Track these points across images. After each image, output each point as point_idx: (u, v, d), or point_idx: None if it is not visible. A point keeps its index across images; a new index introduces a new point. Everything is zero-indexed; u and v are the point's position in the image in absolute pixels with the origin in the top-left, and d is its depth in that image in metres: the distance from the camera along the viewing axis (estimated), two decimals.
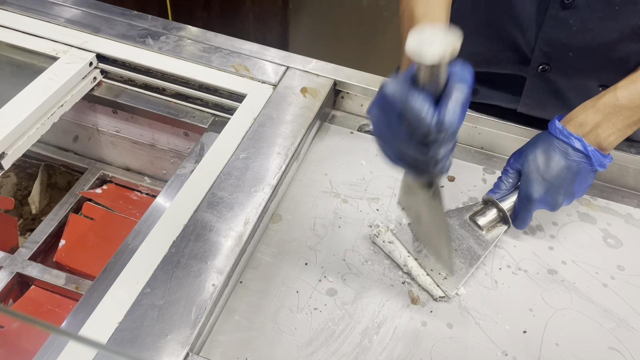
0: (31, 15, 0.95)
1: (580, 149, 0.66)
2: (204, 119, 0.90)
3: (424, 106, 0.47)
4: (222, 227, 0.67)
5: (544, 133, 0.70)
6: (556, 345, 0.65)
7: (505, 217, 0.71)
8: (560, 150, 0.67)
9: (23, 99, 0.81)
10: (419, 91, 0.48)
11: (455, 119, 0.48)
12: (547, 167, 0.67)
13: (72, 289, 0.85)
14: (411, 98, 0.48)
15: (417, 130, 0.49)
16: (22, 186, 1.08)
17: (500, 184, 0.71)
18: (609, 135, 0.66)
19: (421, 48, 0.44)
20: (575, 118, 0.68)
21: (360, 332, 0.64)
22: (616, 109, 0.66)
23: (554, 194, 0.68)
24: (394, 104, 0.49)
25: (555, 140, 0.67)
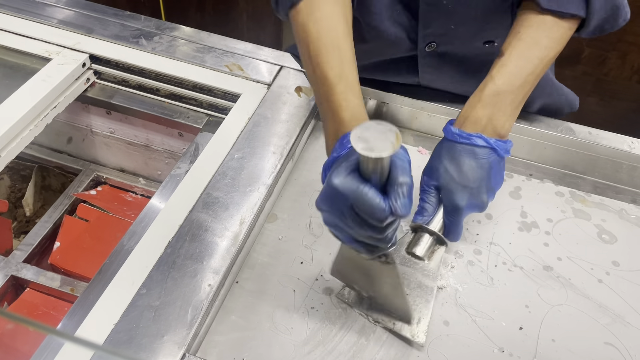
0: (23, 16, 0.95)
1: (484, 144, 0.66)
2: (198, 119, 0.90)
3: (376, 199, 0.50)
4: (218, 227, 0.67)
5: (444, 142, 0.68)
6: (552, 341, 0.65)
7: (439, 238, 0.67)
8: (467, 153, 0.66)
9: (16, 101, 0.81)
10: (369, 184, 0.50)
11: (407, 209, 0.50)
12: (461, 173, 0.66)
13: (68, 291, 0.85)
14: (363, 192, 0.50)
15: (372, 219, 0.51)
16: (16, 188, 1.08)
17: (424, 205, 0.68)
18: (504, 123, 0.67)
19: (369, 145, 0.46)
20: (468, 117, 0.67)
21: (357, 331, 0.64)
22: (500, 97, 0.67)
23: (477, 196, 0.66)
24: (345, 198, 0.51)
25: (458, 145, 0.66)
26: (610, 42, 1.81)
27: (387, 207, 0.50)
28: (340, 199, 0.52)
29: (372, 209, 0.50)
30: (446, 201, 0.67)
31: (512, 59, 0.67)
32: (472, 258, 0.73)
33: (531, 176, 0.85)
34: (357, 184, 0.50)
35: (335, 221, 0.54)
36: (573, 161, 0.86)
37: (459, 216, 0.67)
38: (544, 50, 0.67)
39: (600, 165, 0.85)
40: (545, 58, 0.67)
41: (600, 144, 0.84)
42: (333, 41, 0.67)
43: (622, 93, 1.94)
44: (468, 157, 0.66)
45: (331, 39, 0.67)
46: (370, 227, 0.52)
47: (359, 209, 0.51)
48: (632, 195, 0.84)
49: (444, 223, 0.68)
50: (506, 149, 0.68)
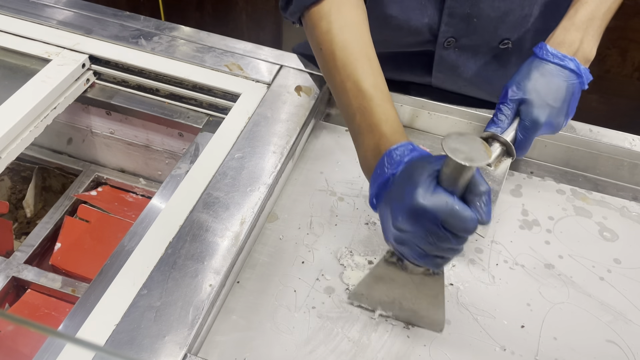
0: (23, 17, 0.95)
1: (574, 69, 0.69)
2: (198, 119, 0.90)
3: (467, 211, 0.50)
4: (219, 227, 0.67)
5: (534, 60, 0.71)
6: (554, 339, 0.65)
7: (509, 150, 0.72)
8: (558, 73, 0.69)
9: (16, 102, 0.80)
10: (455, 197, 0.51)
11: (491, 216, 0.52)
12: (549, 92, 0.69)
13: (69, 292, 0.85)
14: (455, 207, 0.50)
15: (463, 232, 0.51)
16: (17, 190, 1.08)
17: (500, 117, 0.71)
18: (591, 48, 0.70)
19: (467, 156, 0.48)
20: (563, 40, 0.70)
21: (359, 330, 0.64)
22: (591, 22, 0.70)
23: (556, 117, 0.70)
24: (435, 216, 0.50)
25: (551, 65, 0.69)
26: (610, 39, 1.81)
27: (475, 215, 0.51)
28: (429, 218, 0.51)
29: (466, 222, 0.50)
30: (526, 115, 0.70)
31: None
32: (473, 256, 0.73)
33: (532, 174, 0.85)
34: (446, 199, 0.50)
35: (417, 241, 0.53)
36: (574, 159, 0.86)
37: (534, 132, 0.70)
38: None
39: (601, 162, 0.85)
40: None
41: (601, 141, 0.83)
42: (362, 50, 0.66)
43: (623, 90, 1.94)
44: (558, 77, 0.69)
45: (360, 49, 0.66)
46: (457, 239, 0.52)
47: (451, 224, 0.51)
48: (634, 192, 0.84)
49: (516, 137, 0.72)
50: (588, 78, 0.71)
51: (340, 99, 0.68)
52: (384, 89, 0.65)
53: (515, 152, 0.73)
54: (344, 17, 0.67)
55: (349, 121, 0.67)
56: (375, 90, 0.64)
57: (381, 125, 0.62)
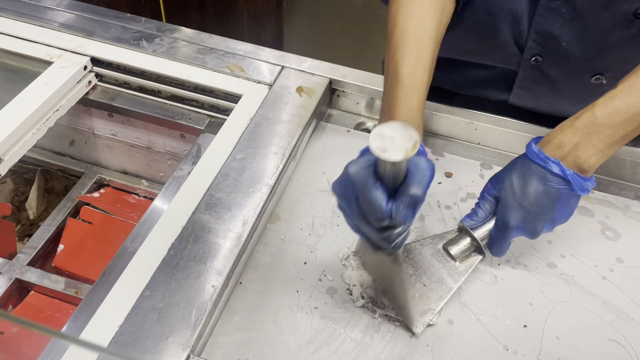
0: (25, 20, 0.95)
1: (559, 173, 0.62)
2: (200, 121, 0.90)
3: (378, 199, 0.50)
4: (221, 228, 0.67)
5: (521, 157, 0.65)
6: (557, 338, 0.65)
7: (479, 247, 0.67)
8: (538, 175, 0.63)
9: (18, 104, 0.81)
10: (378, 182, 0.50)
11: (406, 219, 0.50)
12: (524, 193, 0.63)
13: (72, 293, 0.85)
14: (369, 188, 0.50)
15: (371, 216, 0.52)
16: (19, 192, 1.08)
17: (477, 211, 0.67)
18: (590, 156, 0.62)
19: (384, 145, 0.46)
20: (553, 140, 0.63)
21: (362, 330, 0.64)
22: (595, 127, 0.61)
23: (532, 222, 0.64)
24: (354, 188, 0.52)
25: (532, 165, 0.63)
26: None
27: (387, 209, 0.50)
28: (350, 188, 0.52)
29: (372, 206, 0.50)
30: (499, 215, 0.65)
31: (623, 93, 0.62)
32: None
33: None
34: (368, 178, 0.50)
35: (344, 208, 0.55)
36: None
37: (506, 234, 0.65)
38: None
39: None
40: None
41: None
42: (416, 39, 0.67)
43: None
44: (537, 179, 0.63)
45: (415, 37, 0.67)
46: (369, 224, 0.53)
47: (362, 202, 0.51)
48: (636, 191, 0.84)
49: (491, 235, 0.66)
50: (583, 186, 0.63)
51: (385, 78, 0.71)
52: (418, 79, 0.66)
53: (490, 251, 0.67)
54: (414, 6, 0.69)
55: (382, 100, 0.71)
56: (408, 77, 0.65)
57: (397, 109, 0.64)
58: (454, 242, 0.68)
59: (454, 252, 0.68)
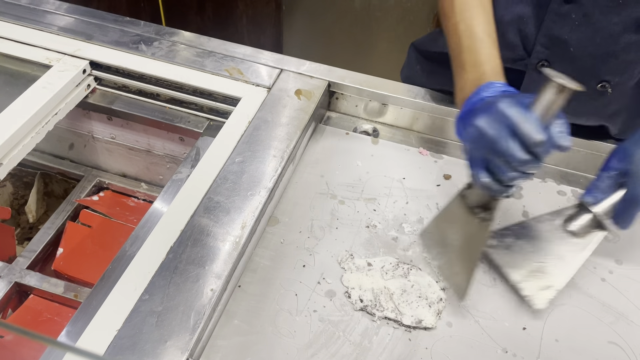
0: (23, 24, 0.95)
1: None
2: (199, 124, 0.90)
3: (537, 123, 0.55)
4: (220, 231, 0.67)
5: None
6: (556, 341, 0.65)
7: (600, 223, 0.66)
8: None
9: (17, 108, 0.81)
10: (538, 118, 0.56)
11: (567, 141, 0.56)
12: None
13: (71, 297, 0.85)
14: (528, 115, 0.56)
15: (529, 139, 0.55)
16: (19, 195, 1.08)
17: (599, 185, 0.66)
18: None
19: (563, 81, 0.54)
20: None
21: (360, 333, 0.64)
22: None
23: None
24: (508, 120, 0.56)
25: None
26: None
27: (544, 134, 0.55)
28: (503, 120, 0.56)
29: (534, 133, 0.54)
30: (632, 188, 0.63)
31: None
32: None
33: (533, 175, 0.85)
34: (524, 111, 0.56)
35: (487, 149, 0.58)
36: (574, 160, 0.86)
37: (635, 209, 0.64)
38: None
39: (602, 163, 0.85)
40: None
41: (601, 142, 0.83)
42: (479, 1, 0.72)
43: None
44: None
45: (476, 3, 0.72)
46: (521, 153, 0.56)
47: (519, 128, 0.55)
48: None
49: (617, 208, 0.65)
50: None
51: (451, 38, 0.74)
52: (492, 35, 0.71)
53: (617, 224, 0.66)
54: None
55: (455, 58, 0.73)
56: (484, 35, 0.70)
57: (485, 64, 0.68)
58: (574, 218, 0.69)
59: (575, 229, 0.68)
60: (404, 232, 0.75)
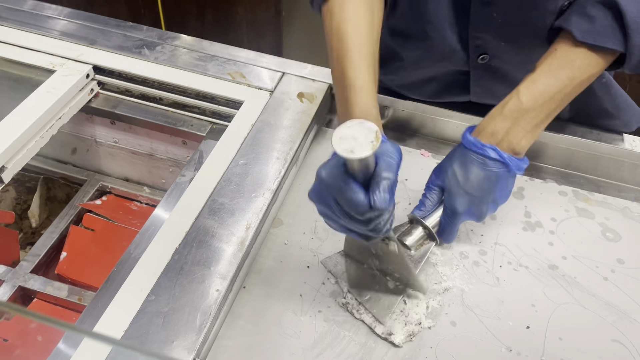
0: (27, 29, 0.96)
1: (496, 157, 0.66)
2: (201, 127, 0.91)
3: (356, 193, 0.52)
4: (224, 233, 0.68)
5: (459, 147, 0.70)
6: (560, 339, 0.66)
7: (431, 234, 0.70)
8: (478, 162, 0.67)
9: (21, 113, 0.81)
10: (350, 179, 0.53)
11: (385, 203, 0.52)
12: (467, 180, 0.67)
13: (75, 300, 0.85)
14: (344, 186, 0.53)
15: (354, 212, 0.54)
16: (22, 200, 1.08)
17: (425, 201, 0.71)
18: (520, 139, 0.67)
19: (349, 146, 0.48)
20: (486, 128, 0.67)
21: (365, 333, 0.65)
22: (522, 112, 0.66)
23: (477, 205, 0.68)
24: (330, 191, 0.54)
25: (471, 153, 0.67)
26: None
27: (366, 200, 0.52)
28: (327, 192, 0.55)
29: (352, 202, 0.53)
30: (446, 203, 0.70)
31: (542, 76, 0.67)
32: (478, 259, 0.73)
33: (534, 176, 0.86)
34: (342, 178, 0.53)
35: (326, 212, 0.57)
36: (575, 160, 0.86)
37: (455, 220, 0.69)
38: (576, 71, 0.66)
39: (602, 164, 0.85)
40: (576, 79, 0.66)
41: (601, 142, 0.84)
42: (356, 44, 0.69)
43: None
44: (477, 166, 0.67)
45: (354, 42, 0.69)
46: (354, 219, 0.55)
47: (342, 202, 0.54)
48: (635, 193, 0.85)
49: (441, 222, 0.71)
50: (519, 166, 0.68)
51: (334, 88, 0.72)
52: (365, 78, 0.67)
53: (440, 237, 0.71)
54: (346, 12, 0.71)
55: (337, 107, 0.71)
56: (356, 79, 0.67)
57: (353, 109, 0.66)
58: (407, 233, 0.71)
59: (409, 243, 0.70)
60: None
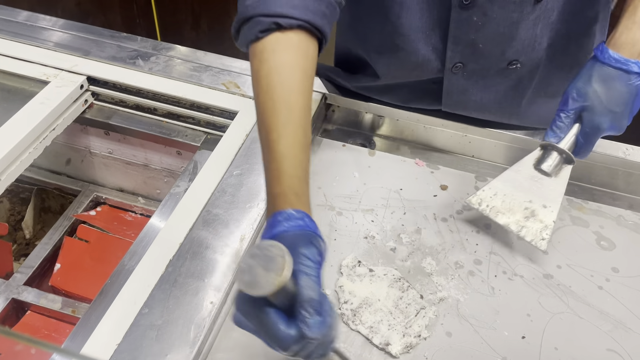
0: (21, 40, 0.96)
1: (639, 71, 0.67)
2: (196, 137, 0.91)
3: (278, 326, 0.44)
4: (219, 244, 0.68)
5: (594, 64, 0.70)
6: (555, 349, 0.65)
7: (568, 157, 0.73)
8: (621, 78, 0.68)
9: (15, 124, 0.81)
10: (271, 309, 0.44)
11: (321, 329, 0.44)
12: (611, 97, 0.68)
13: (69, 312, 0.85)
14: (264, 321, 0.44)
15: (281, 350, 0.45)
16: (15, 211, 1.08)
17: (559, 125, 0.72)
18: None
19: (251, 278, 0.41)
20: (625, 41, 0.68)
21: (360, 345, 0.64)
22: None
23: (620, 120, 0.69)
24: (249, 320, 0.46)
25: (612, 70, 0.68)
26: None
27: (294, 331, 0.44)
28: (246, 323, 0.47)
29: (276, 339, 0.44)
30: (588, 122, 0.70)
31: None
32: (473, 268, 0.73)
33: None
34: (258, 310, 0.44)
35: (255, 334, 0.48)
36: None
37: (597, 137, 0.71)
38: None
39: (596, 172, 0.86)
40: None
41: (595, 151, 0.84)
42: (283, 98, 0.58)
43: None
44: (620, 82, 0.68)
45: (282, 95, 0.58)
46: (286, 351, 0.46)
47: (264, 338, 0.46)
48: (629, 201, 0.85)
49: (577, 142, 0.72)
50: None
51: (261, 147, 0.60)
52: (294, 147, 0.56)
53: (577, 156, 0.73)
54: (278, 59, 0.60)
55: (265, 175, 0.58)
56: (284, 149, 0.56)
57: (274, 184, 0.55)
58: (543, 159, 0.74)
59: (547, 169, 0.73)
60: (402, 242, 0.75)
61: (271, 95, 0.58)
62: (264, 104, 0.59)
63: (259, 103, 0.60)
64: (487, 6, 0.74)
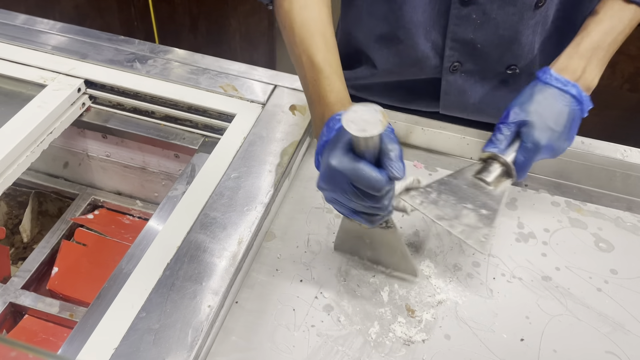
0: (18, 43, 0.96)
1: (576, 95, 0.70)
2: (194, 140, 0.90)
3: (373, 172, 0.55)
4: (216, 247, 0.67)
5: (537, 84, 0.72)
6: (554, 351, 0.65)
7: (509, 171, 0.72)
8: (561, 98, 0.70)
9: (12, 127, 0.81)
10: (363, 160, 0.55)
11: (402, 171, 0.55)
12: (550, 115, 0.69)
13: (67, 316, 0.84)
14: (360, 168, 0.55)
15: (372, 190, 0.56)
16: (13, 215, 1.07)
17: (500, 137, 0.72)
18: (594, 77, 0.71)
19: (361, 127, 0.51)
20: (567, 67, 0.71)
21: (359, 348, 0.64)
22: (594, 51, 0.71)
23: (557, 140, 0.70)
24: (344, 176, 0.56)
25: (553, 89, 0.70)
26: None
27: (383, 176, 0.55)
28: (340, 178, 0.56)
29: (370, 181, 0.54)
30: (527, 137, 0.70)
31: (607, 17, 0.72)
32: (471, 270, 0.73)
33: (526, 187, 0.86)
34: (353, 162, 0.55)
35: (337, 198, 0.59)
36: (567, 171, 0.87)
37: (535, 154, 0.70)
38: (634, 13, 0.72)
39: (595, 174, 0.86)
40: (633, 20, 0.72)
41: (593, 153, 0.84)
42: (318, 28, 0.71)
43: (614, 102, 1.96)
44: (560, 101, 0.70)
45: (316, 26, 0.71)
46: (370, 197, 0.57)
47: (359, 184, 0.55)
48: (627, 202, 0.85)
49: (516, 160, 0.72)
50: (588, 107, 0.72)
51: (299, 71, 0.74)
52: (333, 63, 0.70)
53: (515, 174, 0.72)
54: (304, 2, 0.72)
55: (305, 92, 0.73)
56: (325, 64, 0.69)
57: (327, 96, 0.68)
58: (485, 169, 0.72)
59: (489, 179, 0.71)
60: None
61: (308, 28, 0.71)
62: (303, 36, 0.71)
63: (297, 35, 0.72)
64: (487, 5, 0.75)
